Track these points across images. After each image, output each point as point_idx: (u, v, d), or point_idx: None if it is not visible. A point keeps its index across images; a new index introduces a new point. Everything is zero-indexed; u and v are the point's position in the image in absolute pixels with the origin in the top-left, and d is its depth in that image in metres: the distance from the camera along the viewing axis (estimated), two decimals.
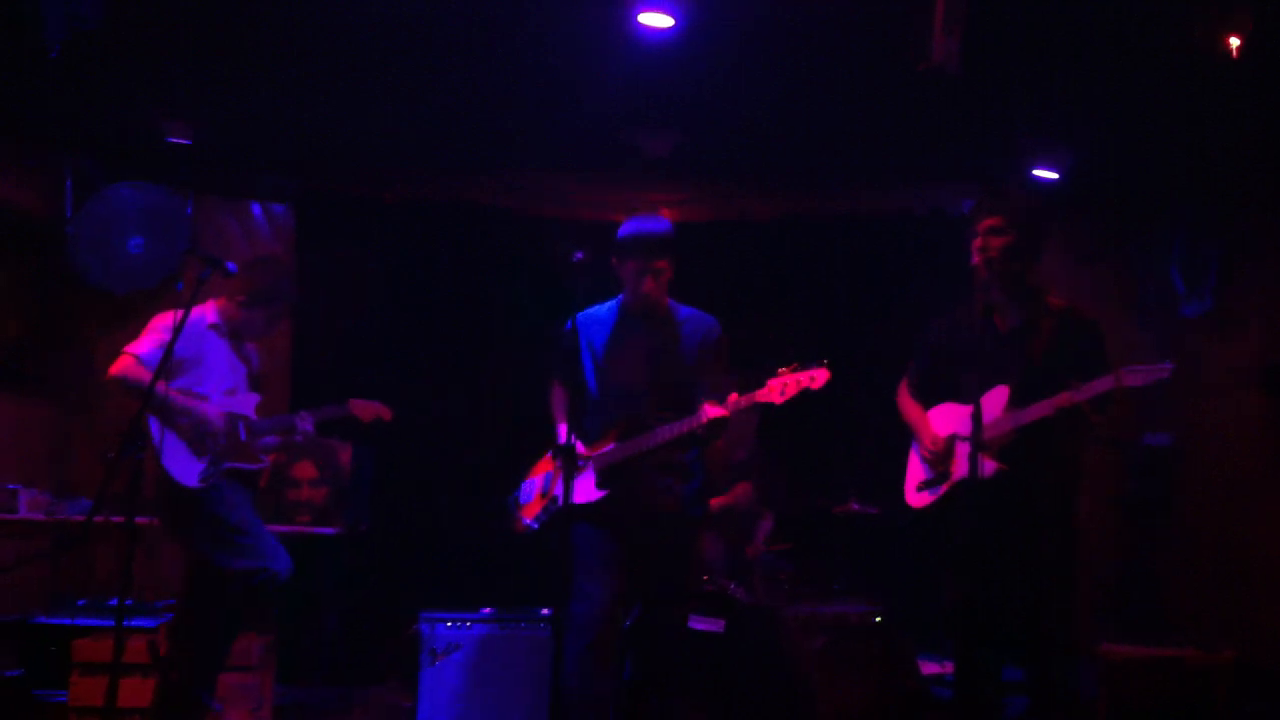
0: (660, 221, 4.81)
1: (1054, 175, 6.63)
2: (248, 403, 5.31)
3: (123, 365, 5.02)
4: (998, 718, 4.67)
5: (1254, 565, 6.33)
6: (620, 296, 4.90)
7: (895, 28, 5.13)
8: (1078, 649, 4.69)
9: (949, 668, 6.05)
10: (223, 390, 5.24)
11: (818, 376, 4.41)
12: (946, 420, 4.75)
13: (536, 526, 4.76)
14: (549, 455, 4.89)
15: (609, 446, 4.65)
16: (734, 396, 4.47)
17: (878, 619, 5.77)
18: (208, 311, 5.29)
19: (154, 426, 4.99)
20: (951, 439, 4.66)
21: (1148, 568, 6.88)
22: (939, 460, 4.69)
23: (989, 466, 4.46)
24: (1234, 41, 5.02)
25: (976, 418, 4.27)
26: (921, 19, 4.92)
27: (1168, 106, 5.97)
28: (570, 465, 4.43)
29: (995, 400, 4.53)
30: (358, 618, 6.95)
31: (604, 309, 4.90)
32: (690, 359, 4.73)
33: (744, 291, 7.60)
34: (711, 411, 4.45)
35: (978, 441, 4.27)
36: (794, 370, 4.42)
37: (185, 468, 5.05)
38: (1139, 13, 5.08)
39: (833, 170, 7.42)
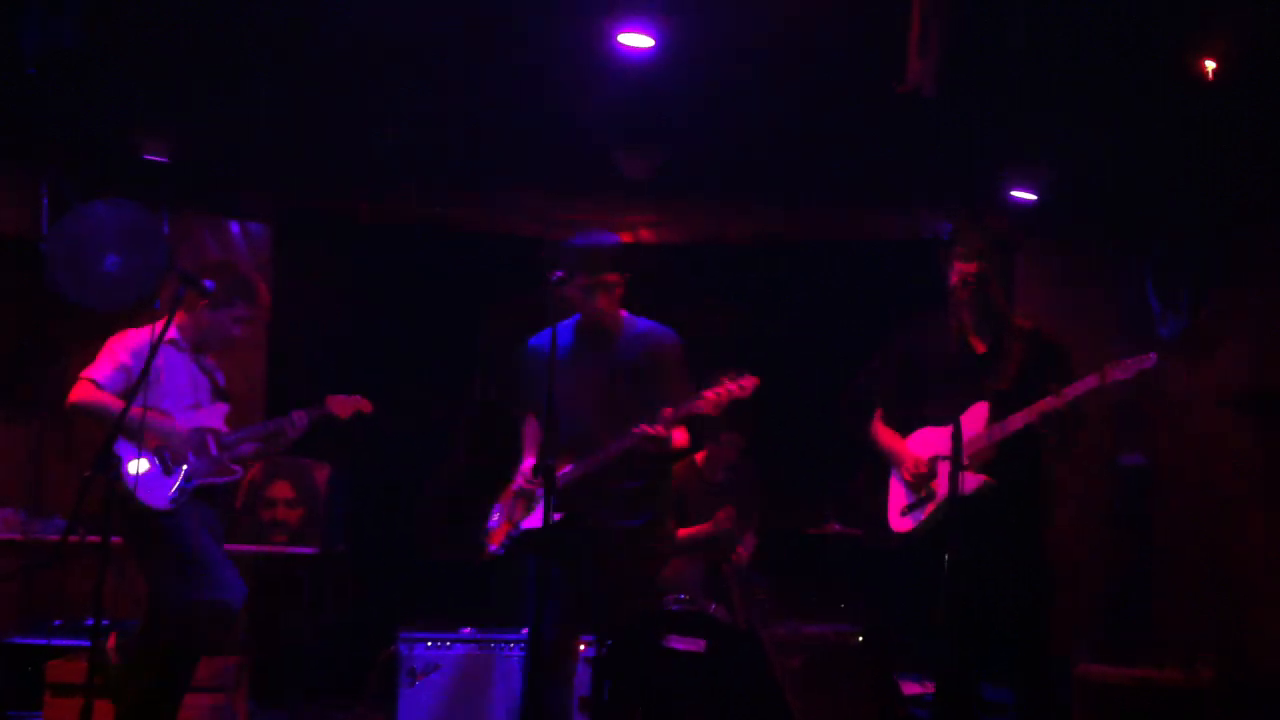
0: (607, 235, 4.81)
1: (1032, 197, 6.67)
2: (214, 415, 5.15)
3: (81, 391, 4.89)
4: None
5: (1239, 581, 6.36)
6: (576, 317, 4.83)
7: (873, 51, 5.17)
8: (1059, 665, 4.70)
9: (929, 688, 6.05)
10: (185, 406, 5.06)
11: (746, 384, 4.47)
12: (925, 444, 4.76)
13: (501, 552, 4.76)
14: (513, 484, 4.88)
15: (565, 469, 4.61)
16: (668, 411, 4.48)
17: (858, 639, 5.77)
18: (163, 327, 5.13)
19: (121, 448, 4.83)
20: (934, 460, 4.67)
21: (1133, 586, 6.89)
22: (922, 482, 4.69)
23: (971, 481, 4.47)
24: (1209, 65, 5.07)
25: (956, 435, 4.28)
26: (899, 42, 4.96)
27: (1149, 130, 6.00)
28: (549, 490, 4.45)
29: (975, 417, 4.55)
30: (335, 638, 6.90)
31: (560, 329, 4.73)
32: (644, 374, 4.67)
33: (720, 311, 7.60)
34: (643, 429, 4.46)
35: (958, 458, 4.28)
36: (728, 379, 4.48)
37: (154, 489, 4.88)
38: (1123, 36, 5.12)
39: (811, 192, 7.44)
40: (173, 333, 5.06)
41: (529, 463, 4.78)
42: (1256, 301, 6.47)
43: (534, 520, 4.67)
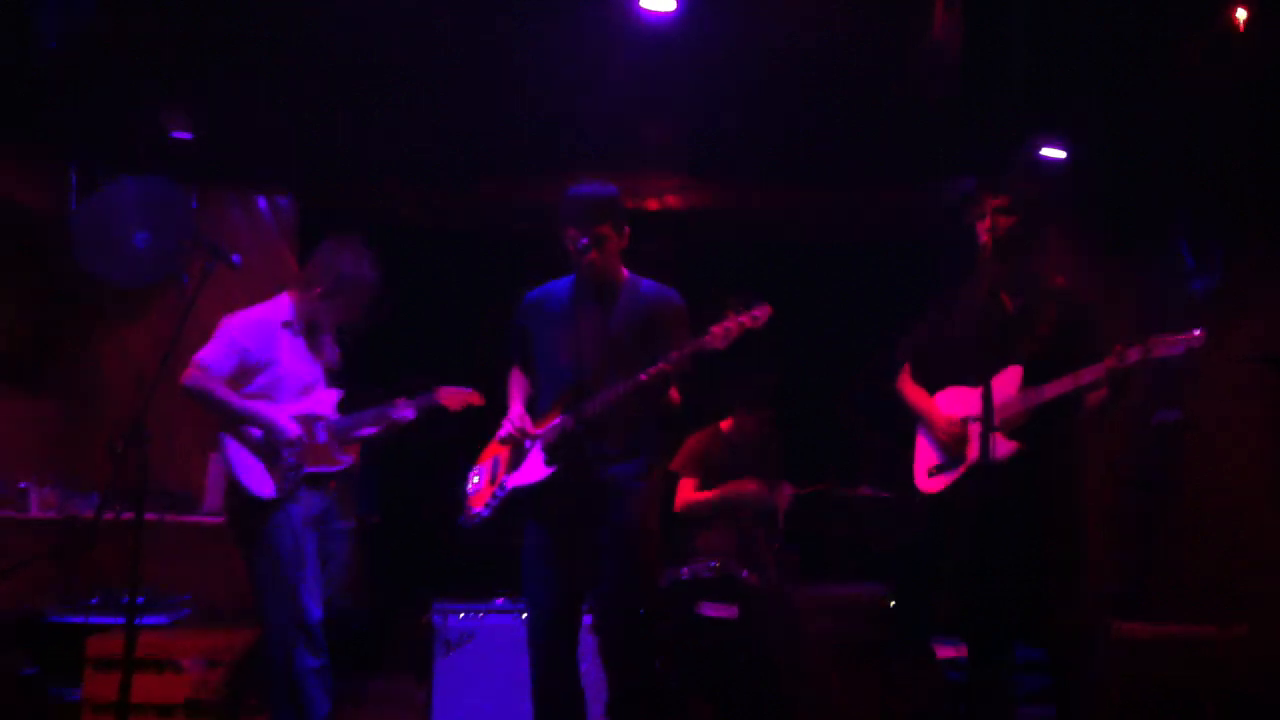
0: (603, 186, 4.51)
1: (1061, 154, 6.60)
2: (326, 400, 5.05)
3: (190, 375, 4.78)
4: (1011, 698, 4.65)
5: (1261, 547, 6.31)
6: (573, 275, 4.62)
7: (897, 11, 5.11)
8: (1093, 628, 4.68)
9: (963, 650, 6.04)
10: (295, 391, 4.98)
11: (759, 314, 4.21)
12: (956, 403, 4.70)
13: (487, 514, 4.55)
14: (495, 440, 4.67)
15: (555, 421, 4.46)
16: (675, 353, 4.25)
17: (891, 602, 5.76)
18: (281, 307, 5.02)
19: (225, 438, 4.82)
20: (965, 421, 4.63)
21: (1156, 549, 6.85)
22: (955, 444, 4.65)
23: (1004, 447, 4.44)
24: (1241, 14, 5.00)
25: (987, 398, 4.24)
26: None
27: (1176, 97, 5.92)
28: (520, 448, 4.37)
29: (1009, 380, 4.51)
30: (371, 609, 6.93)
31: (557, 285, 4.65)
32: (645, 333, 4.45)
33: (744, 278, 7.55)
34: (654, 369, 4.24)
35: (989, 422, 4.25)
36: (736, 312, 4.23)
37: (260, 478, 4.81)
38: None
39: (833, 161, 7.38)
40: (287, 313, 5.01)
41: (516, 409, 4.59)
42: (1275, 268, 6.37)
43: (522, 476, 4.50)
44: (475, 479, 4.67)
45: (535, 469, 4.46)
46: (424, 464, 7.34)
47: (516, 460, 4.52)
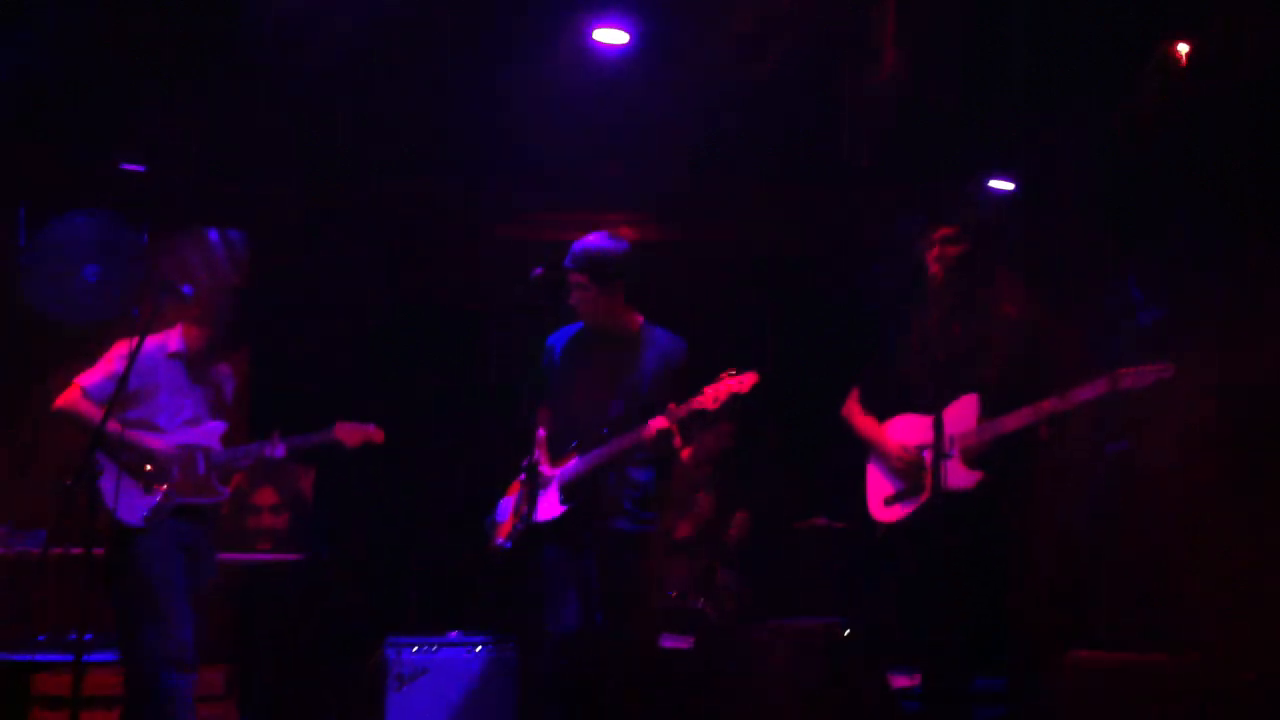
0: (592, 238, 4.80)
1: (1009, 185, 6.65)
2: (211, 432, 5.04)
3: (68, 398, 4.83)
4: None
5: (1210, 574, 6.33)
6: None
7: (845, 39, 5.13)
8: (1047, 657, 4.70)
9: (918, 680, 6.04)
10: (180, 421, 4.97)
11: (745, 380, 4.48)
12: (908, 431, 4.72)
13: (510, 545, 4.82)
14: (521, 474, 4.94)
15: (571, 462, 4.74)
16: (671, 406, 4.52)
17: (845, 632, 5.76)
18: (170, 339, 5.03)
19: (103, 462, 4.75)
20: (921, 449, 4.63)
21: (1108, 576, 6.86)
22: (911, 472, 4.66)
23: (968, 477, 4.46)
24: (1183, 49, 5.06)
25: (938, 428, 4.26)
26: (872, 33, 4.94)
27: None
28: (535, 484, 4.60)
29: (965, 409, 4.52)
30: (322, 644, 6.86)
31: (573, 328, 4.92)
32: (649, 379, 4.75)
33: (706, 310, 7.58)
34: (655, 424, 4.52)
35: (940, 452, 4.27)
36: (728, 375, 4.51)
37: (130, 505, 4.79)
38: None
39: (789, 192, 7.39)
40: (176, 345, 5.01)
41: (539, 448, 4.88)
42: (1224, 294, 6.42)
43: (543, 512, 4.76)
44: (503, 510, 4.94)
45: (551, 506, 4.74)
46: (377, 496, 7.34)
47: (536, 496, 4.79)
